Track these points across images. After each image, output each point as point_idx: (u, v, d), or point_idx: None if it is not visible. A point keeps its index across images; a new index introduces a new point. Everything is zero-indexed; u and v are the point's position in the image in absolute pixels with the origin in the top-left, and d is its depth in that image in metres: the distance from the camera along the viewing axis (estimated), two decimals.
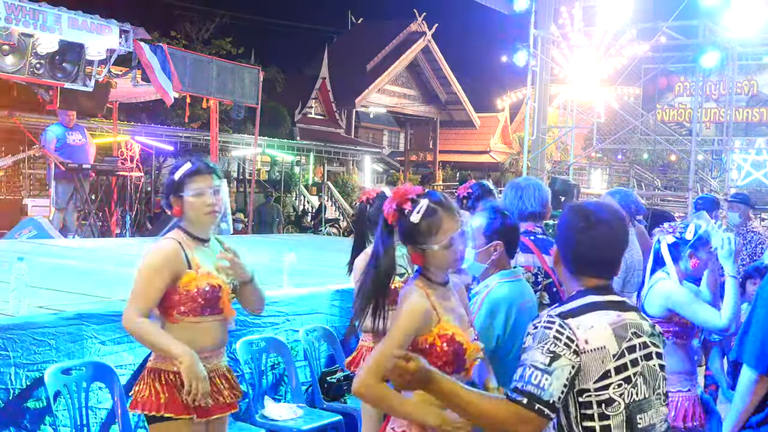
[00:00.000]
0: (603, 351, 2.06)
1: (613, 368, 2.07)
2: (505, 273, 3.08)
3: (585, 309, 2.12)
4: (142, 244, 8.45)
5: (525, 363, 2.05)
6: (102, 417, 3.77)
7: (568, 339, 2.04)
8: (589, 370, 2.05)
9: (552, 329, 2.06)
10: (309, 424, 4.28)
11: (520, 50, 13.54)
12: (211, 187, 3.06)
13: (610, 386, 2.07)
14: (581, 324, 2.07)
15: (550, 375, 2.01)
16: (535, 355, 2.04)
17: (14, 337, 3.47)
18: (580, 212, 2.21)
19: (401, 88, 32.00)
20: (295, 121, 26.58)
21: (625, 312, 2.16)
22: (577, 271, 2.21)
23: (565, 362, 2.02)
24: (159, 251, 3.01)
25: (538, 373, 2.01)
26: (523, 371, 2.04)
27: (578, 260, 2.20)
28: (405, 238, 2.56)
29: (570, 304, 2.14)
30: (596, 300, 2.15)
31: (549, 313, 2.12)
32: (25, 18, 7.54)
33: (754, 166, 15.82)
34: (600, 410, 2.08)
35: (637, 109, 16.11)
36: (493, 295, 3.01)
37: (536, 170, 14.34)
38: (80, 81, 8.34)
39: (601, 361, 2.06)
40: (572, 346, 2.04)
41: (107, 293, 4.46)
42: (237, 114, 10.54)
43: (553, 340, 2.04)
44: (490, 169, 34.34)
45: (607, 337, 2.07)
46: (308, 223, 21.58)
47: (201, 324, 3.02)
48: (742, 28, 13.39)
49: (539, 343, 2.05)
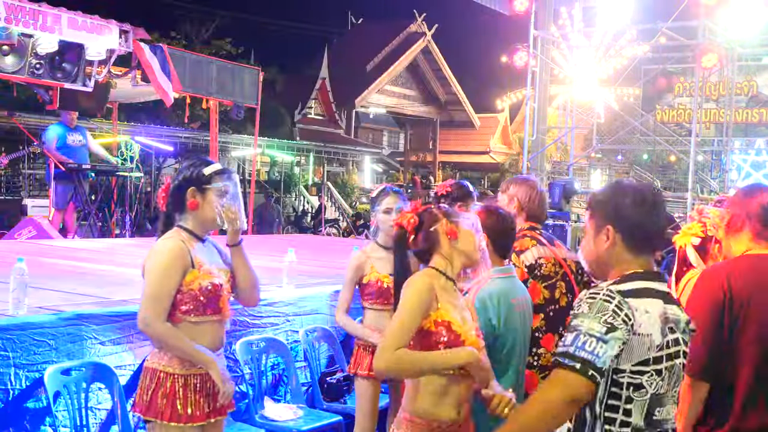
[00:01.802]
0: (649, 339, 2.09)
1: (653, 357, 2.10)
2: (498, 269, 3.09)
3: (642, 293, 2.13)
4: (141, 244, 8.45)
5: (579, 330, 2.05)
6: (102, 417, 3.77)
7: (626, 316, 2.06)
8: (633, 351, 2.08)
9: (612, 303, 2.07)
10: (309, 424, 4.28)
11: (520, 51, 13.55)
12: (233, 191, 3.06)
13: (645, 373, 2.09)
14: (639, 307, 2.09)
15: (606, 343, 2.02)
16: (592, 323, 2.04)
17: (14, 337, 3.47)
18: (641, 191, 2.24)
19: (401, 88, 32.00)
20: (295, 122, 26.58)
21: (670, 304, 2.18)
22: (640, 248, 2.21)
23: (620, 335, 2.04)
24: (166, 251, 2.96)
25: (593, 341, 2.02)
26: (576, 337, 2.04)
27: (644, 237, 2.21)
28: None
29: (628, 284, 2.15)
30: (651, 286, 2.17)
31: (609, 287, 2.12)
32: (25, 18, 7.53)
33: (753, 167, 15.83)
34: (628, 393, 2.10)
35: (637, 110, 16.12)
36: (483, 290, 3.02)
37: (536, 171, 14.34)
38: (80, 81, 8.33)
39: (647, 347, 2.08)
40: (628, 324, 2.06)
41: (107, 294, 4.46)
42: (237, 114, 10.52)
43: (612, 313, 2.05)
44: (490, 170, 34.35)
45: (656, 326, 2.10)
46: (308, 223, 21.57)
47: (202, 324, 3.00)
48: (741, 29, 13.40)
49: (597, 312, 2.06)
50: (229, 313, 3.12)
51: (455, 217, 2.74)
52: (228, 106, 10.57)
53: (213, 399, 3.02)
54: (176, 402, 2.93)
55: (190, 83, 9.55)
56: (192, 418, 2.95)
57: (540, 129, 14.79)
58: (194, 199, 3.01)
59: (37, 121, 15.14)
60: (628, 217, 2.21)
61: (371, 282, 3.98)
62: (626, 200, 2.22)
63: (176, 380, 2.94)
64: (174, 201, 3.06)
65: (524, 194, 3.86)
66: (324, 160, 26.72)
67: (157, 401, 2.93)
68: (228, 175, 3.07)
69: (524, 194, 3.86)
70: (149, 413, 2.94)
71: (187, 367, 2.96)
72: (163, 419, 2.92)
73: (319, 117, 28.66)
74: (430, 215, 2.73)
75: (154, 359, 3.00)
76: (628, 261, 2.22)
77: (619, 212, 2.22)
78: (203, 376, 2.99)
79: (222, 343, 3.15)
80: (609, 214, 2.24)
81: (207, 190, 3.01)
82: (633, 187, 2.26)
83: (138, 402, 2.99)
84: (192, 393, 2.96)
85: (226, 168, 3.11)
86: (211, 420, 3.03)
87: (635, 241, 2.22)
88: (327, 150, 26.38)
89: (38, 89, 9.29)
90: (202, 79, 9.78)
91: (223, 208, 3.01)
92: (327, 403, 4.68)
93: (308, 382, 4.83)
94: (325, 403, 4.66)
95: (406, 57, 30.72)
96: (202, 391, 2.99)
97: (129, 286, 4.86)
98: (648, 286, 2.17)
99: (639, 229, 2.21)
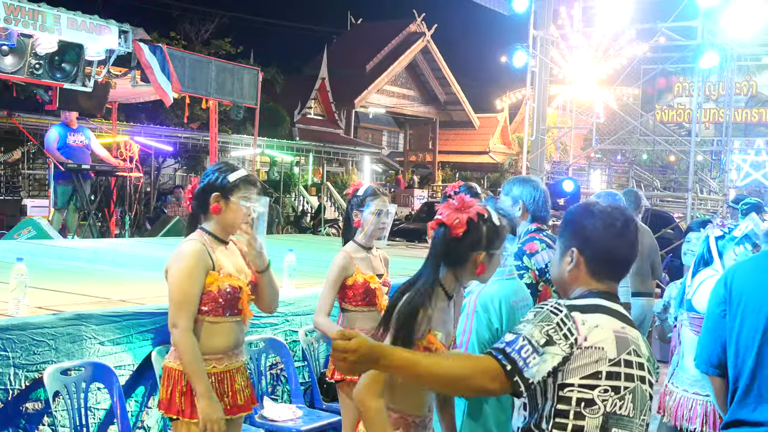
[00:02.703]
0: (600, 351, 2.01)
1: (605, 371, 2.01)
2: (498, 272, 3.09)
3: (594, 309, 2.09)
4: (141, 244, 8.46)
5: (520, 333, 2.01)
6: (101, 417, 3.77)
7: (568, 331, 2.00)
8: (580, 366, 2.00)
9: (557, 316, 2.02)
10: (308, 424, 4.28)
11: (519, 51, 13.55)
12: (257, 198, 3.10)
13: (596, 388, 2.01)
14: (587, 321, 2.04)
15: (539, 356, 1.97)
16: (534, 331, 2.00)
17: (13, 337, 3.47)
18: (611, 214, 2.17)
19: (400, 88, 32.01)
20: (295, 122, 26.58)
21: (630, 328, 2.11)
22: (598, 272, 2.16)
23: (557, 351, 1.98)
24: (188, 255, 3.03)
25: (529, 348, 1.98)
26: (515, 339, 2.00)
27: (605, 261, 2.16)
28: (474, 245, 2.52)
29: (581, 300, 2.12)
30: (607, 305, 2.11)
31: (558, 301, 2.09)
32: (25, 18, 7.53)
33: (753, 167, 15.82)
34: (578, 409, 2.01)
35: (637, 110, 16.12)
36: (484, 292, 3.02)
37: (536, 171, 14.34)
38: (79, 81, 8.33)
39: (595, 360, 2.00)
40: (570, 339, 1.99)
41: (106, 294, 4.46)
42: (236, 114, 10.52)
43: (555, 326, 2.00)
44: (490, 170, 34.37)
45: (609, 340, 2.03)
46: (307, 223, 21.56)
47: (220, 324, 3.06)
48: (741, 28, 13.39)
49: (541, 321, 2.02)
50: (249, 315, 3.18)
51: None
52: (227, 106, 10.56)
53: (231, 397, 3.09)
54: (194, 399, 2.99)
55: (189, 83, 9.55)
56: None
57: (539, 129, 14.79)
58: (217, 204, 3.06)
59: (37, 121, 15.15)
60: (594, 242, 2.15)
61: (357, 283, 3.91)
62: (595, 223, 2.16)
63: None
64: (198, 204, 3.12)
65: (528, 196, 3.86)
66: (323, 160, 26.72)
67: (176, 399, 3.01)
68: (251, 181, 3.10)
69: (528, 196, 3.86)
70: (170, 411, 3.03)
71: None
72: (183, 416, 3.00)
73: (319, 117, 28.66)
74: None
75: (171, 358, 3.09)
76: (587, 281, 2.17)
77: (586, 236, 2.17)
78: (218, 374, 3.06)
79: (240, 343, 3.21)
80: (576, 235, 2.19)
81: (231, 197, 3.05)
82: (603, 210, 2.18)
83: (161, 400, 3.08)
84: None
85: (251, 175, 3.14)
86: (230, 417, 3.09)
87: (599, 267, 2.16)
88: (326, 150, 26.38)
89: (37, 89, 9.29)
90: (202, 79, 9.78)
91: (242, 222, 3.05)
92: (326, 403, 4.67)
93: (307, 382, 4.83)
94: (325, 403, 4.66)
95: (405, 57, 30.73)
96: (219, 390, 3.05)
97: (128, 286, 4.86)
98: (605, 305, 2.11)
99: (604, 255, 2.15)
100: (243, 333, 3.22)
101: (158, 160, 19.95)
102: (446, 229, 2.50)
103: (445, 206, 2.54)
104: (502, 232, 2.60)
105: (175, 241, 8.22)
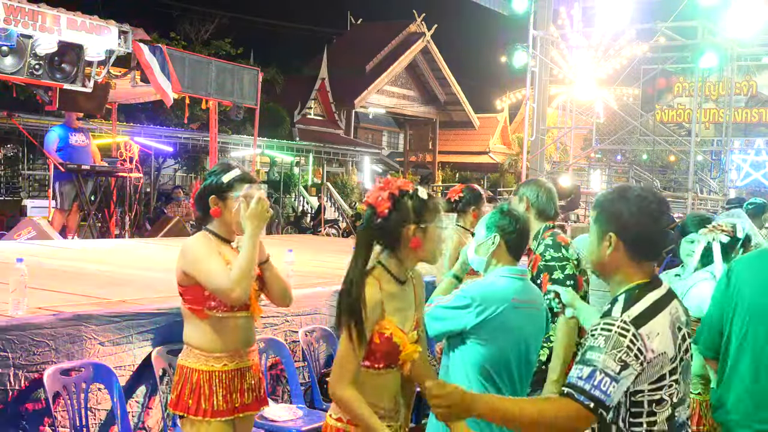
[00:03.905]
0: (663, 357, 2.12)
1: (668, 371, 2.14)
2: (509, 269, 3.07)
3: (652, 312, 2.15)
4: (141, 245, 8.45)
5: (596, 366, 2.06)
6: (101, 418, 3.77)
7: (638, 351, 2.08)
8: (648, 374, 2.11)
9: (626, 338, 2.08)
10: (308, 425, 4.27)
11: (519, 51, 13.55)
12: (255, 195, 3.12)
13: (663, 388, 2.14)
14: (651, 332, 2.11)
15: (617, 383, 2.05)
16: (608, 361, 2.06)
17: (13, 338, 3.47)
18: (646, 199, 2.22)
19: (400, 88, 32.00)
20: (295, 122, 26.57)
21: (672, 302, 2.21)
22: (638, 255, 2.21)
23: (631, 372, 2.07)
24: (196, 242, 3.08)
25: (607, 380, 2.04)
26: (593, 374, 2.06)
27: (644, 244, 2.22)
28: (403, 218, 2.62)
29: (638, 307, 2.15)
30: (657, 298, 2.18)
31: (622, 318, 2.12)
32: (24, 19, 7.53)
33: (753, 167, 15.83)
34: (650, 409, 2.14)
35: (636, 110, 16.12)
36: (478, 287, 3.00)
37: (536, 171, 14.34)
38: (79, 82, 8.32)
39: (660, 366, 2.12)
40: (641, 358, 2.08)
41: (106, 294, 4.46)
42: (236, 115, 10.52)
43: (626, 350, 2.07)
44: (490, 170, 34.35)
45: (668, 342, 2.13)
46: (308, 224, 21.55)
47: (229, 320, 3.07)
48: (740, 28, 13.40)
49: (613, 349, 2.07)
50: (259, 311, 3.18)
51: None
52: (227, 107, 10.56)
53: (240, 394, 3.10)
54: (201, 397, 3.02)
55: (189, 84, 9.54)
56: (218, 413, 3.04)
57: (539, 129, 14.80)
58: (216, 207, 3.09)
59: (36, 121, 15.15)
60: (632, 227, 2.20)
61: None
62: (631, 208, 2.21)
63: (202, 376, 3.04)
64: (199, 208, 3.16)
65: (532, 193, 4.02)
66: (323, 161, 26.72)
67: (184, 397, 3.03)
68: (246, 179, 3.11)
69: (532, 193, 4.02)
70: (179, 408, 3.05)
71: (212, 363, 3.06)
72: (190, 414, 3.02)
73: (319, 117, 28.66)
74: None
75: (183, 356, 3.11)
76: (631, 268, 2.23)
77: (623, 221, 2.21)
78: (228, 372, 3.08)
79: (252, 340, 3.21)
80: (612, 221, 2.24)
81: (227, 197, 3.07)
82: (638, 195, 2.24)
83: (171, 398, 3.11)
84: (217, 388, 3.05)
85: (246, 174, 3.15)
86: (240, 415, 3.11)
87: (638, 250, 2.22)
88: (326, 150, 26.38)
89: (37, 90, 9.28)
90: (202, 79, 9.77)
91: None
92: (326, 403, 4.67)
93: (307, 382, 4.83)
94: (325, 403, 4.66)
95: (405, 57, 30.72)
96: (229, 387, 3.07)
97: (128, 287, 4.86)
98: (656, 299, 2.18)
99: (642, 238, 2.21)
100: (253, 330, 3.22)
101: (158, 160, 19.94)
102: (373, 209, 2.60)
103: (371, 189, 2.65)
104: (432, 205, 2.66)
105: (175, 241, 8.23)
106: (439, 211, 2.68)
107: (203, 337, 3.06)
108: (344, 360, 2.57)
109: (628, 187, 2.33)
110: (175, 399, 3.07)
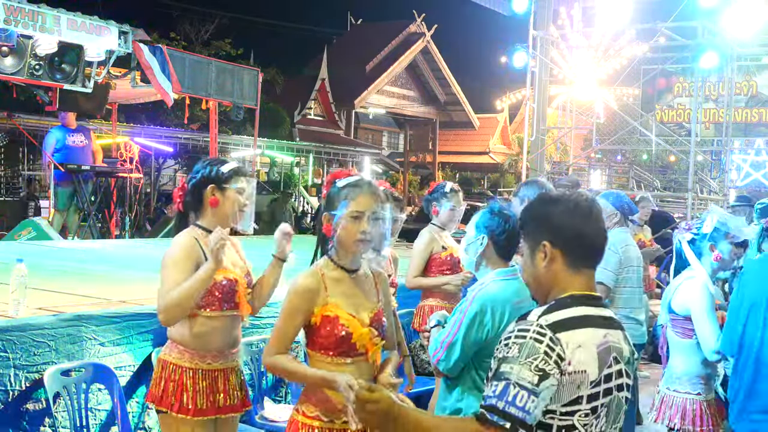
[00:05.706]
0: (582, 375, 1.86)
1: (586, 395, 1.87)
2: (501, 272, 3.07)
3: (577, 322, 1.91)
4: (141, 245, 8.45)
5: (509, 379, 1.82)
6: (102, 418, 3.77)
7: (558, 357, 1.83)
8: (564, 391, 1.85)
9: (543, 343, 1.84)
10: None
11: (519, 51, 13.54)
12: (249, 190, 3.17)
13: (576, 413, 1.87)
14: (571, 341, 1.86)
15: (537, 396, 1.81)
16: (523, 371, 1.81)
17: (13, 338, 3.47)
18: (571, 197, 2.05)
19: (400, 89, 32.00)
20: (295, 122, 26.57)
21: (613, 331, 1.97)
22: (576, 260, 2.00)
23: (552, 382, 1.82)
24: (178, 245, 3.05)
25: (524, 394, 1.80)
26: (506, 389, 1.81)
27: (580, 246, 2.00)
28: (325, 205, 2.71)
29: (561, 313, 1.92)
30: (589, 314, 1.95)
31: (539, 322, 1.90)
32: (24, 19, 7.53)
33: (753, 167, 15.81)
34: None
35: (637, 110, 16.11)
36: (484, 292, 3.00)
37: (536, 171, 14.34)
38: (79, 82, 8.32)
39: (577, 385, 1.86)
40: (561, 365, 1.84)
41: (106, 294, 4.46)
42: (236, 115, 10.52)
43: (543, 357, 1.82)
44: (490, 170, 34.38)
45: (591, 360, 1.88)
46: (307, 223, 21.54)
47: (217, 319, 3.05)
48: (740, 28, 13.38)
49: (527, 357, 1.82)
50: (247, 310, 3.15)
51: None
52: (227, 107, 10.56)
53: (224, 395, 3.07)
54: (185, 395, 2.99)
55: (189, 84, 9.55)
56: (201, 412, 3.00)
57: (539, 129, 14.78)
58: (214, 197, 3.08)
59: (37, 122, 15.15)
60: (564, 228, 2.00)
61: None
62: (558, 209, 2.02)
63: (185, 373, 3.01)
64: (192, 200, 3.13)
65: (532, 193, 4.09)
66: (323, 161, 26.72)
67: (168, 393, 3.00)
68: (244, 173, 3.15)
69: (532, 193, 4.09)
70: (161, 404, 3.01)
71: (196, 361, 3.03)
72: (173, 411, 2.99)
73: (319, 118, 28.66)
74: None
75: (166, 351, 3.09)
76: (567, 280, 2.00)
77: (553, 224, 2.01)
78: (213, 371, 3.05)
79: (237, 340, 3.18)
80: (542, 228, 2.03)
81: (226, 187, 3.08)
82: (561, 196, 2.07)
83: (151, 392, 3.07)
84: (201, 387, 3.02)
85: (242, 167, 3.19)
86: (222, 416, 3.08)
87: (576, 254, 2.00)
88: (327, 151, 26.37)
89: (37, 90, 9.29)
90: (202, 80, 9.78)
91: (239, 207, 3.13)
92: None
93: None
94: None
95: (405, 57, 30.72)
96: (212, 386, 3.04)
97: (129, 287, 4.86)
98: (584, 313, 1.94)
99: (577, 237, 2.00)
100: (239, 330, 3.19)
101: (158, 161, 19.94)
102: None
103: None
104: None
105: None
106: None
107: (190, 335, 3.03)
108: (271, 335, 2.67)
109: (547, 193, 2.19)
110: (157, 394, 3.02)
